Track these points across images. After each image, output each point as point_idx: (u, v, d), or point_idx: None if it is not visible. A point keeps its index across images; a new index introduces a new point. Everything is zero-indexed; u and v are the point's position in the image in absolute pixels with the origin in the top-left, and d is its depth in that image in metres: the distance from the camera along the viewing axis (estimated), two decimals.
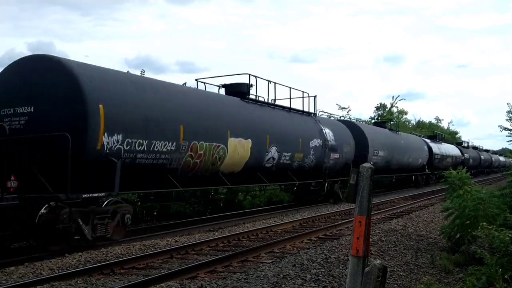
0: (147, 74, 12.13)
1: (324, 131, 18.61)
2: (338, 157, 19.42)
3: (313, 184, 19.24)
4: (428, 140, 35.68)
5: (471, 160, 47.78)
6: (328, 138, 18.69)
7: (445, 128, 71.34)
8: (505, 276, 5.82)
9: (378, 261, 3.90)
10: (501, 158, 72.74)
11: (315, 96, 19.18)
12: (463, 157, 44.23)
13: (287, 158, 16.01)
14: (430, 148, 33.83)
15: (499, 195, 9.56)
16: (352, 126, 22.87)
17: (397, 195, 24.50)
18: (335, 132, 19.48)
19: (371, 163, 17.88)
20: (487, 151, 69.52)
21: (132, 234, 11.37)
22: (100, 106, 9.21)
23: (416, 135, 36.70)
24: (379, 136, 24.99)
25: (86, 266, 7.79)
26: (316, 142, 17.81)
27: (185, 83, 17.54)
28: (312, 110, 18.92)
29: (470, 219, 8.98)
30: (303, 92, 18.10)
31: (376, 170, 19.70)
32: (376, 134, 24.85)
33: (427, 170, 32.90)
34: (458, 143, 49.96)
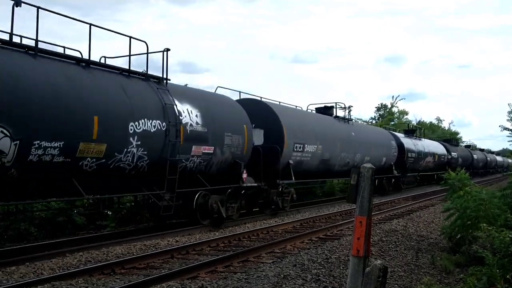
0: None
1: (176, 108, 11.09)
2: (210, 151, 12.16)
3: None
4: (400, 135, 29.62)
5: (460, 160, 41.20)
6: (186, 120, 11.46)
7: (446, 128, 71.35)
8: (506, 277, 5.82)
9: (379, 261, 3.90)
10: (499, 158, 70.30)
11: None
12: (449, 156, 37.83)
13: None
14: (401, 144, 27.37)
15: (500, 196, 9.56)
16: (255, 105, 15.74)
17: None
18: (207, 113, 12.27)
19: (290, 161, 16.07)
20: (481, 150, 66.37)
21: (133, 234, 11.38)
22: None
23: (389, 128, 31.38)
24: (308, 123, 17.83)
25: (86, 266, 7.80)
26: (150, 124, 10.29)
27: (186, 85, 17.52)
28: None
29: (471, 220, 8.99)
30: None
31: (301, 173, 17.91)
32: (302, 120, 17.68)
33: (395, 172, 26.46)
34: (446, 140, 43.40)
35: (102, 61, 10.62)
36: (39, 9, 8.67)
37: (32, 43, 8.58)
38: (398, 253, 9.39)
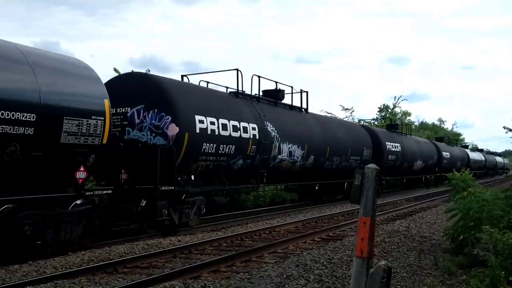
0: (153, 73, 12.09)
1: None
2: None
3: None
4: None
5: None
6: None
7: (449, 129, 71.18)
8: (510, 279, 5.81)
9: (383, 262, 3.90)
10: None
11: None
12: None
13: None
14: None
15: (504, 197, 9.54)
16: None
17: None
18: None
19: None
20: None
21: (135, 233, 11.38)
22: None
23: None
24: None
25: (89, 264, 7.80)
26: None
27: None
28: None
29: (474, 221, 8.97)
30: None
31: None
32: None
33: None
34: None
35: None
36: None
37: None
38: (400, 254, 9.37)
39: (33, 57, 8.28)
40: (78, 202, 8.88)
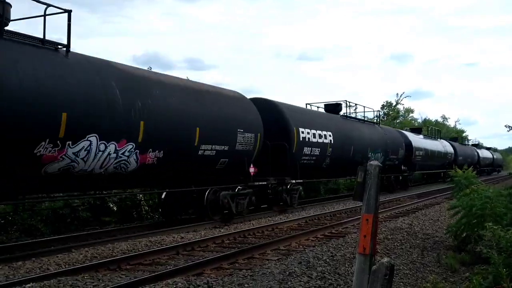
0: (155, 71, 12.67)
1: None
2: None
3: None
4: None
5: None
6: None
7: (452, 126, 71.03)
8: None
9: (386, 259, 3.89)
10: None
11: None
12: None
13: None
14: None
15: (507, 195, 9.52)
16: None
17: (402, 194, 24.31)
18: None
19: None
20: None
21: (138, 230, 11.41)
22: None
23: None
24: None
25: (92, 261, 7.82)
26: None
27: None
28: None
29: (477, 218, 8.95)
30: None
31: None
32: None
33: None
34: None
35: None
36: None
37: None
38: (403, 251, 9.36)
39: None
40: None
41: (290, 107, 17.39)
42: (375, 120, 25.92)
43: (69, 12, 9.05)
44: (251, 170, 13.93)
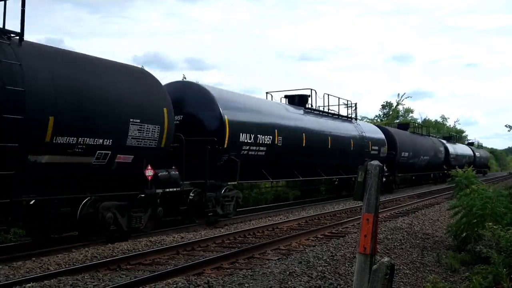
0: (156, 71, 12.14)
1: None
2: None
3: None
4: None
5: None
6: None
7: (452, 126, 71.07)
8: None
9: (386, 259, 3.90)
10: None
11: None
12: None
13: None
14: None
15: (507, 194, 9.53)
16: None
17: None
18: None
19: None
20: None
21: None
22: None
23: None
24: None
25: (92, 261, 7.83)
26: None
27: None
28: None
29: (477, 218, 8.96)
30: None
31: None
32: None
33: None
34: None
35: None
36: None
37: None
38: (403, 251, 9.37)
39: None
40: None
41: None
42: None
43: None
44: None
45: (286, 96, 18.89)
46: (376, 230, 4.17)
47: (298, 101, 18.65)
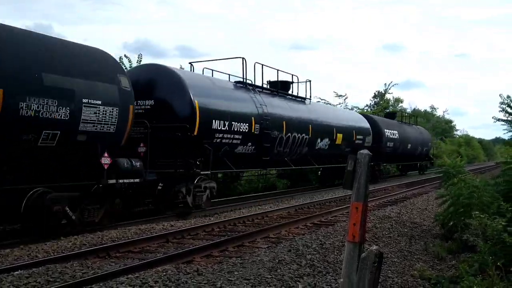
0: (146, 58, 11.78)
1: None
2: None
3: None
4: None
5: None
6: None
7: (440, 116, 71.46)
8: (498, 264, 5.88)
9: (375, 247, 3.93)
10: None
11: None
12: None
13: None
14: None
15: (493, 184, 9.63)
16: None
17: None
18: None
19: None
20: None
21: (128, 218, 11.38)
22: None
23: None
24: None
25: (81, 249, 7.81)
26: None
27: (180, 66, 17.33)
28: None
29: (464, 207, 9.06)
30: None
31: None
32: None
33: None
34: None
35: None
36: None
37: None
38: (391, 239, 9.47)
39: None
40: None
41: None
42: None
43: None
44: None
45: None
46: (365, 218, 4.20)
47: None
